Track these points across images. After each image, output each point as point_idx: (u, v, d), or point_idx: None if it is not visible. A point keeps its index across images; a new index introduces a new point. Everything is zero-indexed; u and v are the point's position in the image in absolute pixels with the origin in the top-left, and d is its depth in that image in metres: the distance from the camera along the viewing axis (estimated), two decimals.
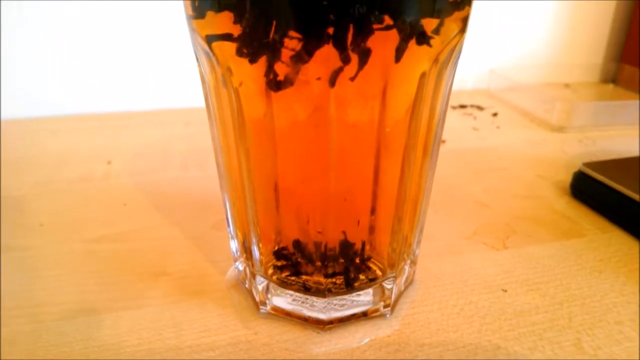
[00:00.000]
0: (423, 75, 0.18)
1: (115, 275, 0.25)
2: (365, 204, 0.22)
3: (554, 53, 0.61)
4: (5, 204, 0.32)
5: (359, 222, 0.22)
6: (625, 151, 0.41)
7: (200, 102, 0.23)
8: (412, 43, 0.16)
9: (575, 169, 0.33)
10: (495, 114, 0.49)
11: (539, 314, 0.23)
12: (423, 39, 0.16)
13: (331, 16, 0.15)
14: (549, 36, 0.60)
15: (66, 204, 0.32)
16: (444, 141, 0.42)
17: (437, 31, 0.17)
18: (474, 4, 0.19)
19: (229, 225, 0.25)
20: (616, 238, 0.29)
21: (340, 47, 0.16)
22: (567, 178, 0.34)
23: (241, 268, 0.25)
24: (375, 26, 0.16)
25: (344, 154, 0.20)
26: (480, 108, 0.51)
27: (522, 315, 0.23)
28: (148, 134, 0.45)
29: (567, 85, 0.59)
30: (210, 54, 0.19)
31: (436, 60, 0.18)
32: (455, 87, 0.22)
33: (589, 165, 0.33)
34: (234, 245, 0.25)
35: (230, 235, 0.25)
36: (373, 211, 0.22)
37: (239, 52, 0.17)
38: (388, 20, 0.16)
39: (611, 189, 0.30)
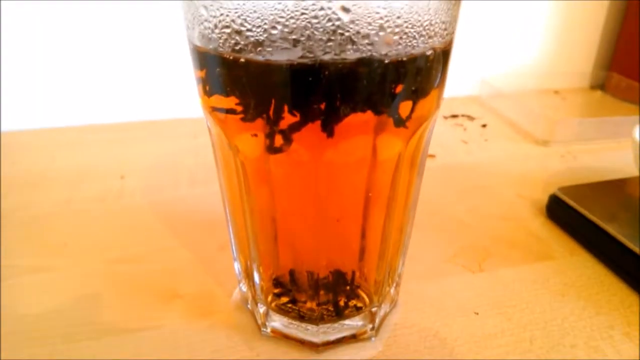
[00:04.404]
0: (401, 151, 0.21)
1: (135, 296, 0.29)
2: (354, 233, 0.25)
3: (545, 61, 0.63)
4: (31, 222, 0.35)
5: (349, 249, 0.25)
6: (604, 167, 0.44)
7: None
8: (391, 125, 0.19)
9: (554, 188, 0.36)
10: (484, 125, 0.52)
11: (504, 337, 0.26)
12: (400, 123, 0.19)
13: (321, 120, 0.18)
14: (541, 45, 0.62)
15: (86, 223, 0.35)
16: (434, 156, 0.45)
17: (411, 116, 0.19)
18: (468, 11, 0.21)
19: (233, 250, 0.28)
20: (582, 261, 0.32)
21: (329, 131, 0.19)
22: (544, 197, 0.37)
23: (245, 289, 0.28)
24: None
25: (333, 192, 0.22)
26: (470, 118, 0.54)
27: (489, 338, 0.26)
28: (158, 146, 0.48)
29: (556, 92, 0.62)
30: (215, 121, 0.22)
31: (413, 136, 0.21)
32: (448, 94, 0.25)
33: (564, 190, 0.36)
34: (237, 267, 0.28)
35: (233, 257, 0.28)
36: (363, 236, 0.25)
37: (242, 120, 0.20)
38: (370, 112, 0.18)
39: (581, 215, 0.33)
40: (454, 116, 0.54)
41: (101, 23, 0.49)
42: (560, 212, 0.35)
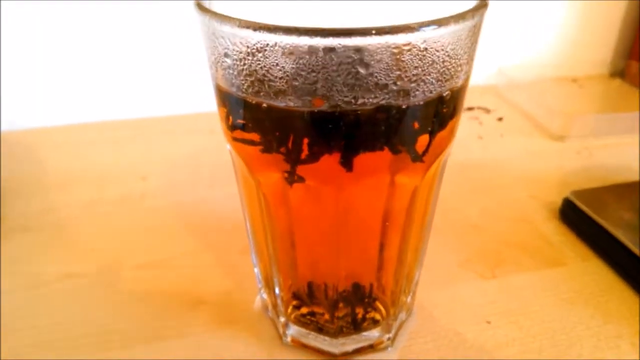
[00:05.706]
0: (419, 181, 0.21)
1: (161, 303, 0.30)
2: (373, 250, 0.26)
3: (563, 49, 0.62)
4: (59, 225, 0.37)
5: (367, 264, 0.26)
6: (620, 165, 0.44)
7: None
8: (409, 161, 0.20)
9: (568, 189, 0.37)
10: (500, 119, 0.52)
11: (514, 346, 0.27)
12: (417, 159, 0.20)
13: (340, 156, 0.19)
14: (559, 33, 0.61)
15: (111, 227, 0.37)
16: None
17: (428, 151, 0.20)
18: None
19: (253, 259, 0.29)
20: (593, 268, 0.33)
21: (347, 166, 0.20)
22: (558, 199, 0.38)
23: (265, 297, 0.30)
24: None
25: (351, 219, 0.23)
26: (487, 111, 0.54)
27: (500, 348, 0.27)
28: (176, 144, 0.48)
29: (574, 80, 0.61)
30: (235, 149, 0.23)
31: (430, 167, 0.21)
32: None
33: (577, 194, 0.36)
34: (258, 274, 0.30)
35: (254, 264, 0.29)
36: (381, 251, 0.26)
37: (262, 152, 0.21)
38: (387, 150, 0.19)
39: (594, 221, 0.34)
40: (470, 109, 0.54)
41: (113, 18, 0.50)
42: (574, 216, 0.36)
